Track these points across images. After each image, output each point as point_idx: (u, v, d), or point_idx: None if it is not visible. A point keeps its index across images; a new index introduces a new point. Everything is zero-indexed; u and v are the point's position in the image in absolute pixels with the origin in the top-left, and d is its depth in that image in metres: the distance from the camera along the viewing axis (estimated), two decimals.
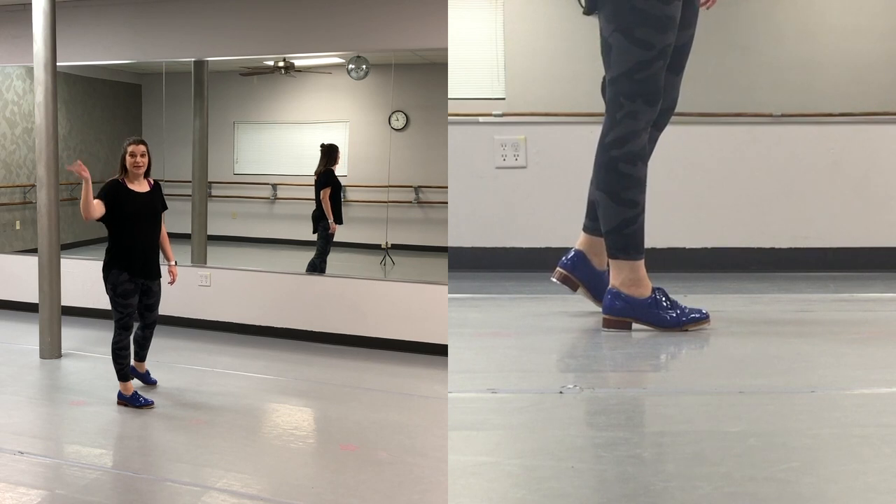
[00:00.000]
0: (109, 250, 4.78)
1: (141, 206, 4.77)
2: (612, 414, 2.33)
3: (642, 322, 3.35)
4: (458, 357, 2.93)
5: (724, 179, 5.99)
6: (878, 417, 2.27)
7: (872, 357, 2.99)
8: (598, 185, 3.38)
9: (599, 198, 3.38)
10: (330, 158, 7.38)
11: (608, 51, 3.34)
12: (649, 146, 3.46)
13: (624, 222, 3.33)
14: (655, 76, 3.30)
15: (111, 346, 4.82)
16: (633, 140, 3.32)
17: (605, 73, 3.39)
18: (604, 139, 3.36)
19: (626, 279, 3.35)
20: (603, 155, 3.35)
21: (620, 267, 3.36)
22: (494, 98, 8.08)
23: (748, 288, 5.13)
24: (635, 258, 3.36)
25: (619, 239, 3.34)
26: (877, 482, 1.80)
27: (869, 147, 6.08)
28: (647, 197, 3.52)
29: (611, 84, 3.34)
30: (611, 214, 3.35)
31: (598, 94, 3.49)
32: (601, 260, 3.64)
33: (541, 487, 1.78)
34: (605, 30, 3.34)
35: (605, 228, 3.38)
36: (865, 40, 7.91)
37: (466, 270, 5.77)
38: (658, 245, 4.35)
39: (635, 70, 3.28)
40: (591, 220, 3.64)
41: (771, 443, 2.04)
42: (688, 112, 6.48)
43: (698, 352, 3.15)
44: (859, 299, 4.50)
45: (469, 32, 8.11)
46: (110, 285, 4.76)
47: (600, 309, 3.47)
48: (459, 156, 5.90)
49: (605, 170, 3.34)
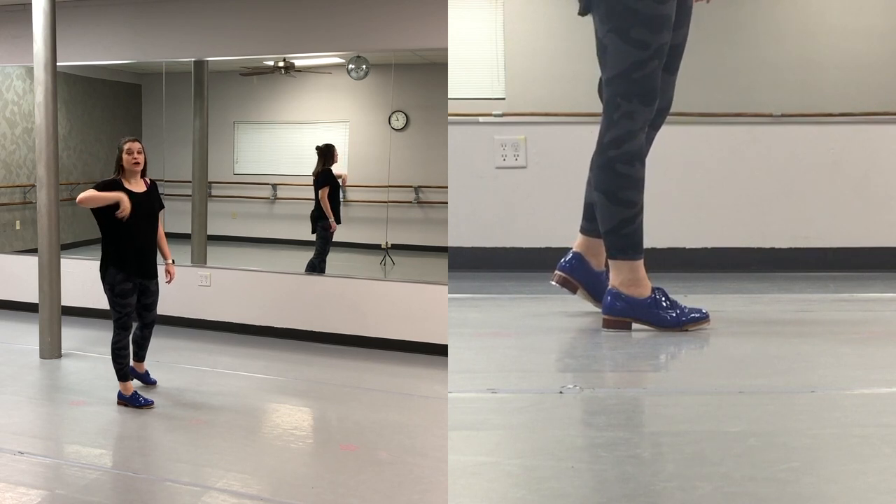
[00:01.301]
0: (106, 250, 4.76)
1: (138, 206, 4.74)
2: (612, 414, 2.33)
3: (642, 322, 3.36)
4: (458, 357, 2.93)
5: (724, 179, 5.99)
6: (878, 417, 2.27)
7: (872, 357, 2.99)
8: (596, 186, 3.38)
9: (597, 198, 3.37)
10: (327, 158, 7.39)
11: (603, 51, 3.34)
12: (646, 146, 3.46)
13: (622, 222, 3.33)
14: (651, 76, 3.30)
15: (111, 346, 4.82)
16: (630, 140, 3.31)
17: (602, 73, 3.39)
18: (601, 140, 3.36)
19: (625, 279, 3.35)
20: (600, 156, 3.35)
21: (619, 267, 3.36)
22: (494, 98, 8.09)
23: (748, 288, 5.13)
24: (634, 258, 3.36)
25: (618, 239, 3.34)
26: (877, 482, 1.80)
27: (869, 147, 6.08)
28: (647, 197, 3.53)
29: (607, 84, 3.34)
30: (609, 215, 3.34)
31: (598, 94, 3.50)
32: (599, 261, 3.64)
33: (541, 487, 1.78)
34: (599, 30, 3.34)
35: (603, 229, 3.38)
36: (865, 40, 7.92)
37: (466, 270, 5.77)
38: (658, 245, 4.35)
39: (631, 70, 3.28)
40: (588, 221, 3.64)
41: (771, 443, 2.04)
42: (688, 112, 6.49)
43: (698, 352, 3.15)
44: (859, 299, 4.50)
45: (469, 32, 8.12)
46: (108, 285, 4.76)
47: (600, 310, 3.47)
48: (459, 156, 5.90)
49: (602, 170, 3.34)
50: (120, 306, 4.78)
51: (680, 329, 3.34)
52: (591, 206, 3.54)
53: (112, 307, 4.80)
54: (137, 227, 4.76)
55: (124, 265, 4.74)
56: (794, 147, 6.07)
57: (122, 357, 4.82)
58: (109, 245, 4.76)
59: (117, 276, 4.74)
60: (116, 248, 4.75)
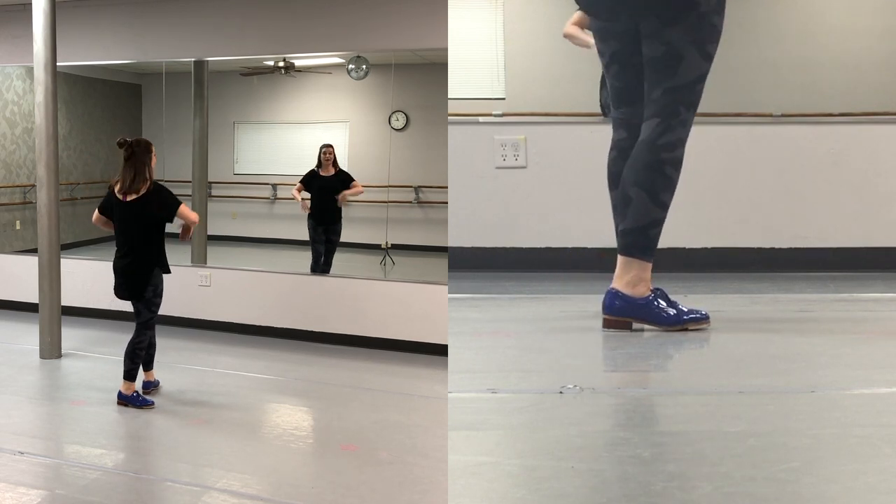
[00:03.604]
0: (151, 252, 4.80)
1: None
2: (612, 414, 2.33)
3: (642, 321, 3.35)
4: (458, 357, 2.93)
5: (724, 179, 5.98)
6: (878, 417, 2.26)
7: (872, 357, 2.99)
8: (637, 183, 3.35)
9: (635, 194, 3.35)
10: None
11: (675, 60, 3.31)
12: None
13: (653, 223, 3.35)
14: (703, 89, 3.40)
15: (131, 344, 4.83)
16: (680, 147, 3.37)
17: (658, 80, 3.35)
18: (653, 141, 3.34)
19: (632, 279, 3.34)
20: (651, 154, 3.34)
21: (631, 266, 3.36)
22: (494, 98, 8.09)
23: (748, 288, 5.13)
24: (649, 260, 3.37)
25: (643, 239, 3.35)
26: (877, 482, 1.80)
27: (869, 147, 6.07)
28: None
29: (670, 92, 3.34)
30: (644, 213, 3.34)
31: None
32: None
33: (541, 487, 1.78)
34: (675, 40, 3.30)
35: (630, 225, 3.35)
36: (865, 40, 7.92)
37: (466, 270, 5.76)
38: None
39: (697, 81, 3.35)
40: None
41: (771, 443, 2.04)
42: None
43: (698, 352, 3.15)
44: (859, 299, 4.50)
45: (469, 32, 8.12)
46: (152, 286, 4.81)
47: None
48: (459, 156, 5.90)
49: (651, 169, 3.33)
50: (156, 307, 4.88)
51: (680, 327, 3.33)
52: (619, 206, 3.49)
53: (148, 308, 4.84)
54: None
55: (165, 267, 4.87)
56: (794, 147, 6.07)
57: (138, 357, 4.86)
58: (155, 247, 4.81)
59: (160, 276, 4.85)
60: (160, 250, 4.84)
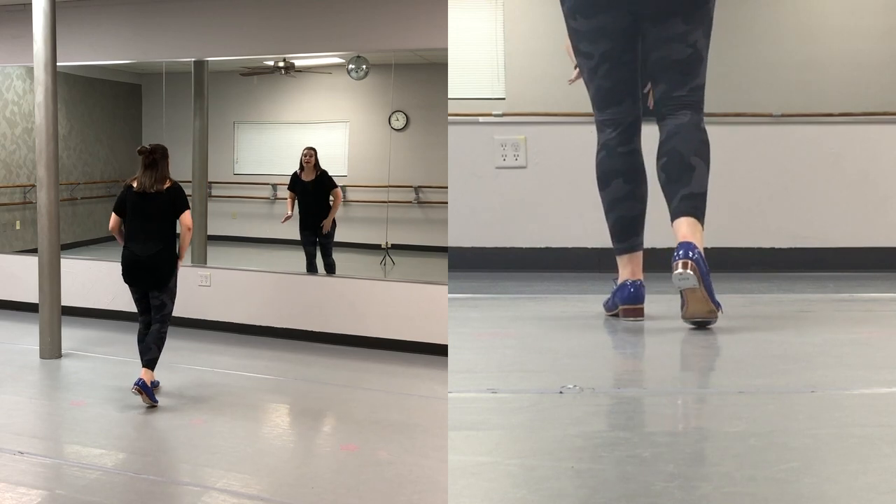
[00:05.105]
0: (173, 247, 4.99)
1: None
2: (612, 414, 2.33)
3: (705, 279, 3.31)
4: (458, 357, 2.93)
5: (724, 179, 5.98)
6: (878, 417, 2.26)
7: (872, 357, 2.99)
8: (696, 153, 3.51)
9: (697, 163, 3.50)
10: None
11: (698, 62, 3.55)
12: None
13: (706, 192, 3.50)
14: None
15: (163, 336, 4.96)
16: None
17: (684, 81, 3.53)
18: (698, 123, 3.55)
19: (699, 239, 3.40)
20: (700, 133, 3.54)
21: (698, 227, 3.42)
22: (494, 98, 8.08)
23: (748, 288, 5.13)
24: (703, 224, 3.46)
25: (703, 203, 3.47)
26: (877, 482, 1.80)
27: (869, 147, 6.08)
28: (648, 197, 3.58)
29: (698, 89, 3.57)
30: (705, 180, 3.50)
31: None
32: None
33: (541, 487, 1.78)
34: (699, 42, 3.52)
35: (697, 190, 3.47)
36: (865, 40, 7.91)
37: (466, 270, 5.77)
38: (658, 245, 4.34)
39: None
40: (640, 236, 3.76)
41: (771, 443, 2.04)
42: None
43: (698, 352, 3.15)
44: (859, 299, 4.50)
45: (469, 32, 8.11)
46: (175, 279, 4.99)
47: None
48: (459, 156, 5.91)
49: (704, 144, 3.54)
50: (175, 297, 5.04)
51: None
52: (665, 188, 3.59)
53: (171, 298, 4.99)
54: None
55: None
56: (794, 147, 6.07)
57: (163, 343, 4.99)
58: (174, 239, 5.00)
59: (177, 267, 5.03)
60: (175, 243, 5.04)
